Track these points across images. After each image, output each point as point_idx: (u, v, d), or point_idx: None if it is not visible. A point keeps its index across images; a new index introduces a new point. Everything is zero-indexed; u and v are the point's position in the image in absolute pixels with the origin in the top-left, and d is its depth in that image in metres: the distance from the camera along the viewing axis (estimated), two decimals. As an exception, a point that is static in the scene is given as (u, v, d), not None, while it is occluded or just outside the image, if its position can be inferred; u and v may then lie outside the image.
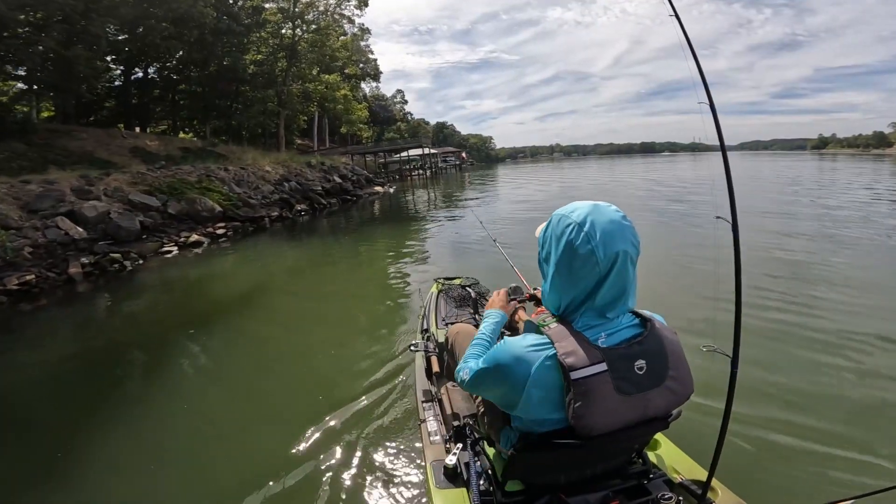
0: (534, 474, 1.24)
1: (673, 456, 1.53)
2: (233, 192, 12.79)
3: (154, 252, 9.25)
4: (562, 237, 1.04)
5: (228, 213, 11.65)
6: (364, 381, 3.18)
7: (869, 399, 2.74)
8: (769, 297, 4.46)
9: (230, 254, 9.78)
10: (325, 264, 8.52)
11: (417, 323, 3.14)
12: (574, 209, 1.06)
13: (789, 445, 2.33)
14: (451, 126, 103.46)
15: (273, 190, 15.10)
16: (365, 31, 33.68)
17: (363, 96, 45.52)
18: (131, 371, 4.08)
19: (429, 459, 1.64)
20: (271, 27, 27.04)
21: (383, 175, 34.83)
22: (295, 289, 6.73)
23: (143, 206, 10.47)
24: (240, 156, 18.15)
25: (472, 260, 7.30)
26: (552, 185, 25.19)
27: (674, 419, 1.11)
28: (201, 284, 7.31)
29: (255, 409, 3.13)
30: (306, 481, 2.24)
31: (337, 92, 30.07)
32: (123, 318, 5.82)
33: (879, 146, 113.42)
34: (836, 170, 30.20)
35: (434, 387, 2.13)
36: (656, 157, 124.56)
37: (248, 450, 2.61)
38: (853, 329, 3.65)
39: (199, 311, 5.83)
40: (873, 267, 5.76)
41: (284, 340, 4.41)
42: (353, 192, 20.54)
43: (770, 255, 6.29)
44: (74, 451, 2.72)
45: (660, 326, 1.08)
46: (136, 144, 17.47)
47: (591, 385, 0.97)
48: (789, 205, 12.02)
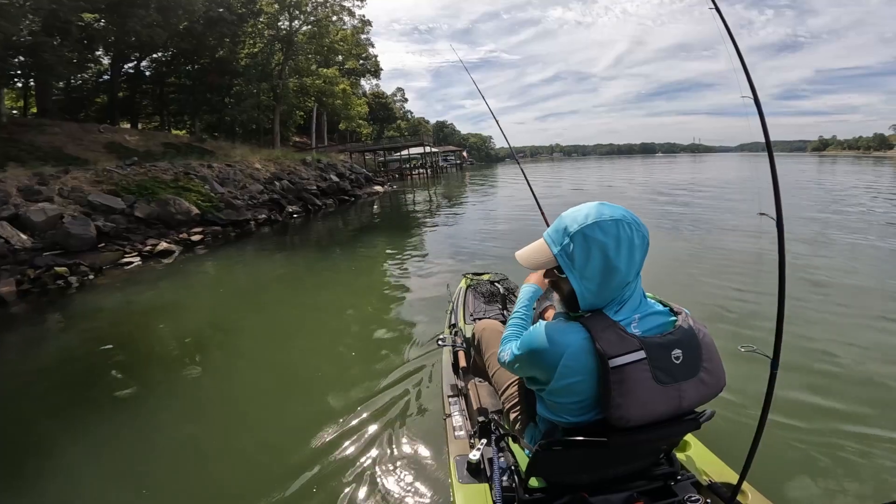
0: (557, 472, 1.21)
1: (702, 458, 1.48)
2: (215, 192, 11.25)
3: (112, 264, 7.72)
4: (574, 232, 1.03)
5: (208, 216, 10.11)
6: (390, 375, 3.17)
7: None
8: (812, 299, 4.28)
9: (208, 263, 8.26)
10: (325, 270, 7.38)
11: (445, 318, 3.11)
12: (583, 207, 1.06)
13: (827, 452, 2.18)
14: (450, 125, 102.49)
15: (262, 189, 13.52)
16: (366, 24, 31.97)
17: (363, 93, 43.94)
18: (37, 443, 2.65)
19: (452, 454, 1.61)
20: (266, 18, 25.49)
21: (383, 174, 33.30)
22: (292, 297, 5.88)
23: (105, 208, 8.94)
24: (228, 152, 16.61)
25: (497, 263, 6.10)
26: (561, 186, 23.70)
27: (706, 419, 1.07)
28: (164, 306, 5.76)
29: (279, 401, 3.11)
30: (330, 472, 2.23)
31: (336, 86, 28.52)
32: (51, 355, 4.30)
33: (880, 148, 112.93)
34: (840, 172, 29.18)
35: (461, 381, 2.10)
36: (654, 157, 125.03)
37: (273, 441, 2.60)
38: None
39: (159, 341, 4.37)
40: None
41: (289, 348, 4.13)
42: (352, 192, 18.98)
43: (814, 255, 6.08)
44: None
45: (691, 318, 1.07)
46: (113, 140, 15.95)
47: (628, 373, 0.96)
48: (826, 207, 10.70)
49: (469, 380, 1.99)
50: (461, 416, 1.84)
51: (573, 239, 1.03)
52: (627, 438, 1.01)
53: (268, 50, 26.03)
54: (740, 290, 4.69)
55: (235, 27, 24.03)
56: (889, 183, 19.58)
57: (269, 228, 11.65)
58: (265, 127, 26.44)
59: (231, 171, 13.37)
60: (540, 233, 1.17)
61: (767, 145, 1.23)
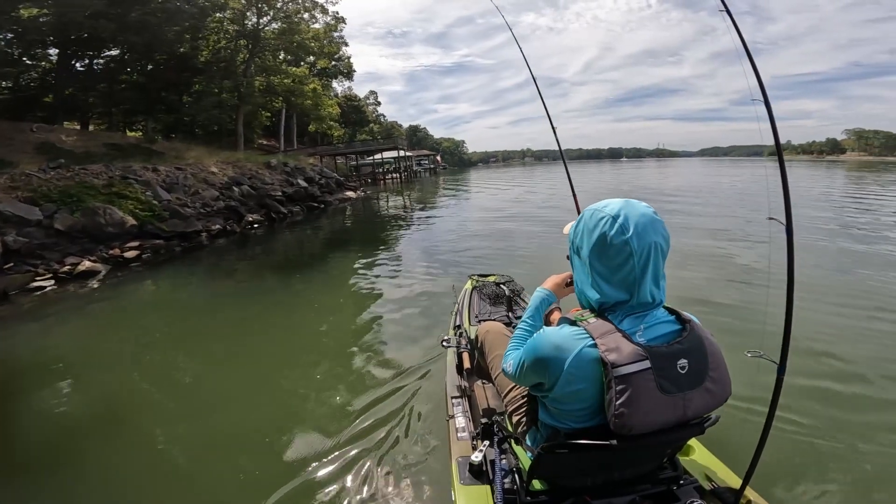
0: (560, 475, 1.22)
1: (706, 462, 1.48)
2: (158, 199, 9.76)
3: (20, 288, 6.30)
4: (595, 229, 1.04)
5: (147, 228, 8.65)
6: (392, 377, 3.17)
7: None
8: (822, 304, 4.20)
9: (144, 286, 6.90)
10: (299, 283, 6.56)
11: (450, 319, 3.05)
12: (606, 204, 1.06)
13: (832, 460, 2.18)
14: (424, 129, 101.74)
15: (218, 196, 12.02)
16: (339, 21, 30.48)
17: (335, 95, 42.30)
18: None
19: (454, 455, 1.61)
20: (231, 13, 23.80)
21: (355, 178, 31.88)
22: (267, 317, 5.07)
23: (18, 219, 7.43)
24: (181, 154, 14.99)
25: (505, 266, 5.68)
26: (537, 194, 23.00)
27: (710, 424, 1.07)
28: (69, 349, 4.41)
29: (282, 403, 3.07)
30: (331, 473, 2.24)
31: (305, 86, 26.98)
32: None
33: (833, 152, 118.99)
34: (806, 177, 29.59)
35: (464, 383, 2.09)
36: (621, 162, 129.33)
37: (275, 441, 2.55)
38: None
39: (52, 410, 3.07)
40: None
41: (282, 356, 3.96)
42: (321, 198, 17.59)
43: (825, 259, 6.02)
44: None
45: (698, 326, 1.06)
46: (47, 140, 14.13)
47: (633, 382, 0.95)
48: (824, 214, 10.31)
49: (473, 381, 2.00)
50: (464, 418, 1.83)
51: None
52: (631, 443, 0.99)
53: (232, 46, 24.31)
54: (747, 295, 4.62)
55: (197, 21, 22.28)
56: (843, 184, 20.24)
57: (224, 240, 10.27)
58: (228, 128, 24.66)
59: (181, 175, 11.83)
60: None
61: (778, 150, 1.24)
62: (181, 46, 22.45)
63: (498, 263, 6.49)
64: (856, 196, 15.22)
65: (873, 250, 6.65)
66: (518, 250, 7.66)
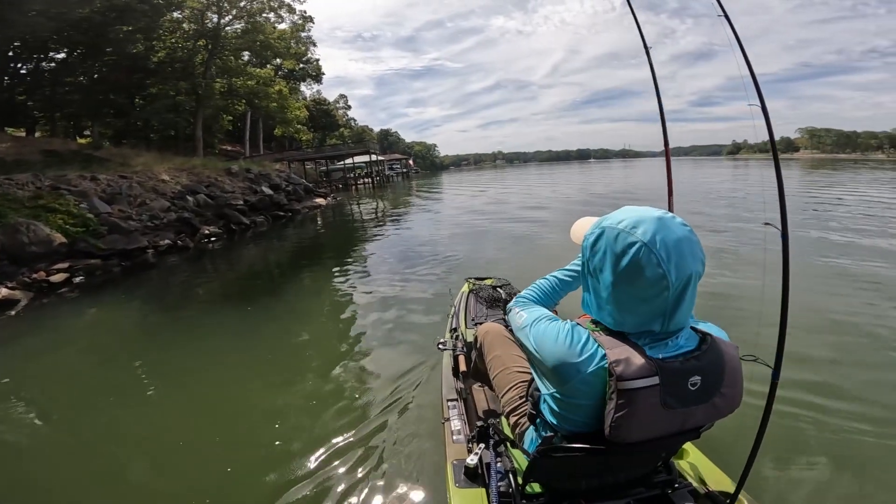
0: (555, 478, 1.22)
1: (700, 466, 1.46)
2: (95, 212, 8.59)
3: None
4: (623, 256, 0.90)
5: (80, 246, 7.50)
6: (389, 378, 3.17)
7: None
8: (816, 307, 4.12)
9: (75, 314, 5.83)
10: (269, 298, 5.79)
11: (446, 322, 3.02)
12: (636, 223, 0.89)
13: (827, 464, 2.16)
14: (395, 133, 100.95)
15: (169, 206, 10.85)
16: (307, 20, 29.29)
17: (303, 98, 40.86)
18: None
19: (450, 458, 1.58)
20: (189, 12, 22.37)
21: (325, 184, 30.67)
22: (236, 332, 4.58)
23: (-87, 241, 6.23)
24: (129, 160, 13.67)
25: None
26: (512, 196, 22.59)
27: (706, 429, 1.04)
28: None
29: (275, 404, 3.04)
30: (325, 475, 2.23)
31: (270, 87, 25.70)
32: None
33: (787, 151, 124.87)
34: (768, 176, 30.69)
35: (460, 385, 2.07)
36: (589, 163, 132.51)
37: (267, 442, 2.55)
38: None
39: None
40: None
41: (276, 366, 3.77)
42: (289, 207, 16.49)
43: (821, 263, 5.85)
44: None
45: (719, 341, 0.98)
46: (-28, 146, 12.62)
47: (637, 397, 0.89)
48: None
49: (469, 384, 2.00)
50: (460, 421, 1.81)
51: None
52: (626, 448, 0.98)
53: (190, 46, 22.85)
54: (742, 297, 4.51)
55: (151, 20, 20.76)
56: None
57: (176, 257, 9.17)
58: (186, 133, 23.16)
59: (125, 184, 10.60)
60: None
61: (774, 154, 1.23)
62: (133, 46, 20.92)
63: (491, 266, 6.23)
64: (830, 192, 15.22)
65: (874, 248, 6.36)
66: (506, 252, 7.07)
